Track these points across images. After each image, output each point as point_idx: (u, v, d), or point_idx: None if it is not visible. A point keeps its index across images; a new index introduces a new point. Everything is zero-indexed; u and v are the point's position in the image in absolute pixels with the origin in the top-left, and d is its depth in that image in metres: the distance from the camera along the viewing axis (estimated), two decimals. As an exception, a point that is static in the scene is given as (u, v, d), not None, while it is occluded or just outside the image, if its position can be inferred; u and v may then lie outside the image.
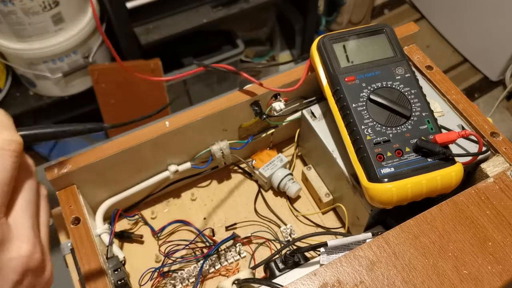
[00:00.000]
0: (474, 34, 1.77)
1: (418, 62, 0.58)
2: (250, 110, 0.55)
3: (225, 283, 0.47)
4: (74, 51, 1.28)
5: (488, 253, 0.42)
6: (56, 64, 1.28)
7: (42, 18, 1.16)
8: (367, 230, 0.51)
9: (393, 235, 0.43)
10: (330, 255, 0.46)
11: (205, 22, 1.32)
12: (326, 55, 0.51)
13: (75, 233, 0.46)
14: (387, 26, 0.53)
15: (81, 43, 1.28)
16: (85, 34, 1.27)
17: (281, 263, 0.49)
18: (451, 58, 1.87)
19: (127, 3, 1.22)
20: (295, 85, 0.53)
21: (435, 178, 0.44)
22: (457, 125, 0.53)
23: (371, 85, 0.49)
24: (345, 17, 1.84)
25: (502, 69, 1.72)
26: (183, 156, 0.57)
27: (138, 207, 0.59)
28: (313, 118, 0.56)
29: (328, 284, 0.40)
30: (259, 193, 0.62)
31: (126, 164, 0.52)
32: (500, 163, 0.49)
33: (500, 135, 0.51)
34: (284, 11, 1.63)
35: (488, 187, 0.46)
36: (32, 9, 1.12)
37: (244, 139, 0.59)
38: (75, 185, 0.50)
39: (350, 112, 0.47)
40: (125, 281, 0.49)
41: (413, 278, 0.40)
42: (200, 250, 0.56)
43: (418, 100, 0.48)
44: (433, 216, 0.44)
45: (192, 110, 0.53)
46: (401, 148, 0.46)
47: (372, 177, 0.45)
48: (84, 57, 1.32)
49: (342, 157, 0.52)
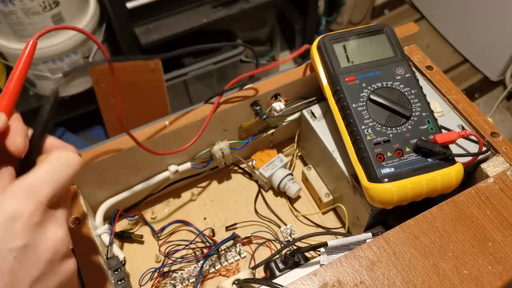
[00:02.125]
0: (474, 34, 1.77)
1: (418, 62, 0.58)
2: (250, 110, 0.55)
3: (225, 283, 0.47)
4: (74, 51, 1.28)
5: (488, 253, 0.42)
6: (56, 64, 1.28)
7: (42, 18, 1.16)
8: (367, 230, 0.51)
9: (393, 235, 0.43)
10: (330, 255, 0.46)
11: (205, 22, 1.32)
12: (326, 55, 0.51)
13: (75, 233, 0.46)
14: (387, 26, 0.53)
15: (81, 43, 1.28)
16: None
17: (281, 263, 0.49)
18: (451, 58, 1.87)
19: (127, 3, 1.22)
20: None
21: (435, 178, 0.44)
22: (457, 125, 0.53)
23: (371, 85, 0.49)
24: (345, 17, 1.84)
25: (502, 69, 1.72)
26: (183, 156, 0.57)
27: (138, 207, 0.59)
28: (313, 118, 0.56)
29: (328, 284, 0.40)
30: (259, 193, 0.62)
31: (126, 164, 0.52)
32: (500, 163, 0.49)
33: (500, 135, 0.51)
34: (284, 11, 1.63)
35: (488, 187, 0.46)
36: (32, 9, 1.12)
37: (244, 139, 0.59)
38: (75, 185, 0.50)
39: (350, 112, 0.47)
40: (125, 281, 0.49)
41: (413, 278, 0.40)
42: (200, 250, 0.56)
43: (418, 100, 0.48)
44: (433, 216, 0.44)
45: (192, 110, 0.53)
46: (401, 148, 0.46)
47: (372, 177, 0.45)
48: (84, 57, 1.32)
49: (342, 157, 0.52)
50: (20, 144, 0.32)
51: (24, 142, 0.32)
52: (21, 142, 0.32)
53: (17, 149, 0.32)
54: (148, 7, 1.26)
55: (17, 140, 0.32)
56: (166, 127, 0.52)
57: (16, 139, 0.32)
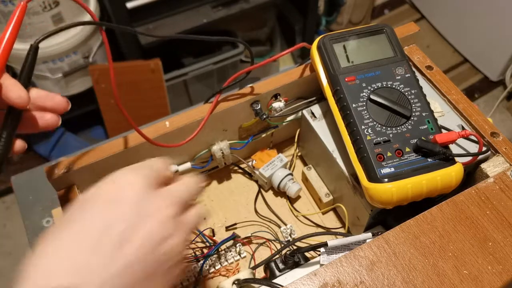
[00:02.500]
0: (474, 34, 1.77)
1: (418, 62, 0.58)
2: (250, 110, 0.55)
3: (225, 283, 0.47)
4: (74, 51, 1.28)
5: (488, 253, 0.42)
6: (56, 64, 1.28)
7: (42, 18, 1.16)
8: (367, 230, 0.51)
9: (393, 235, 0.43)
10: (330, 255, 0.46)
11: (205, 22, 1.32)
12: (326, 55, 0.51)
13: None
14: (387, 26, 0.53)
15: (81, 43, 1.28)
16: (85, 34, 1.27)
17: (281, 263, 0.49)
18: (451, 58, 1.87)
19: (127, 3, 1.22)
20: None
21: (435, 178, 0.44)
22: (457, 125, 0.53)
23: (371, 85, 0.49)
24: (345, 17, 1.84)
25: (502, 69, 1.72)
26: (183, 156, 0.57)
27: (138, 207, 0.59)
28: (313, 118, 0.56)
29: (328, 284, 0.40)
30: (259, 193, 0.62)
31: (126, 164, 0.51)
32: (500, 163, 0.49)
33: (500, 135, 0.51)
34: (284, 11, 1.63)
35: (488, 187, 0.46)
36: (32, 9, 1.12)
37: (244, 139, 0.59)
38: (75, 185, 0.50)
39: (350, 112, 0.47)
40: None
41: (413, 278, 0.40)
42: (200, 250, 0.56)
43: (418, 100, 0.48)
44: (433, 216, 0.44)
45: (192, 110, 0.53)
46: (401, 148, 0.46)
47: (372, 177, 0.45)
48: (84, 57, 1.32)
49: (342, 157, 0.52)
50: (25, 96, 0.35)
51: (27, 94, 0.36)
52: (25, 94, 0.36)
53: (23, 101, 0.35)
54: (148, 7, 1.26)
55: (21, 93, 0.35)
56: (166, 127, 0.52)
57: (19, 92, 0.35)
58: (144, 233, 0.31)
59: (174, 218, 0.34)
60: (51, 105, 0.39)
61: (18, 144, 0.38)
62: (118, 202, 0.32)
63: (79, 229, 0.31)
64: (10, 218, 1.49)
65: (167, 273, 0.33)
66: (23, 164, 1.50)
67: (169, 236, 0.33)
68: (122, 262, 0.30)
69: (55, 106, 0.39)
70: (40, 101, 0.39)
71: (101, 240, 0.30)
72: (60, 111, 0.40)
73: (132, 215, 0.32)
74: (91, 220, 0.31)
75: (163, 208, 0.33)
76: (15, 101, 0.35)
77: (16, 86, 0.36)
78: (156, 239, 0.32)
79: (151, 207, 0.33)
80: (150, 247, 0.31)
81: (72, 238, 0.30)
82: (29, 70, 0.38)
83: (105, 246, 0.30)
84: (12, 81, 0.36)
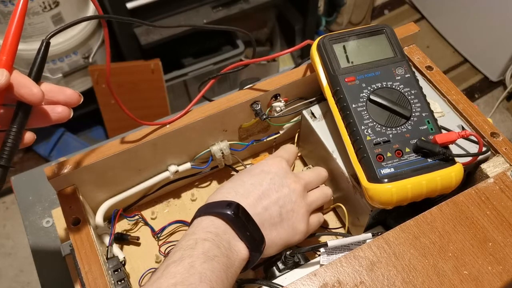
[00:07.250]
0: (474, 34, 1.77)
1: (418, 63, 0.58)
2: (250, 110, 0.55)
3: (225, 284, 0.47)
4: (74, 52, 1.28)
5: (488, 253, 0.42)
6: (56, 65, 1.28)
7: (42, 18, 1.16)
8: (367, 231, 0.51)
9: (393, 236, 0.43)
10: (330, 255, 0.46)
11: (205, 22, 1.32)
12: (326, 56, 0.51)
13: (75, 234, 0.46)
14: (387, 27, 0.53)
15: (81, 44, 1.28)
16: (85, 35, 1.28)
17: (281, 263, 0.49)
18: (451, 58, 1.87)
19: (127, 3, 1.22)
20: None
21: (435, 179, 0.44)
22: (457, 126, 0.53)
23: (371, 85, 0.49)
24: (345, 18, 1.84)
25: (502, 69, 1.72)
26: (183, 156, 0.57)
27: (138, 207, 0.59)
28: (313, 118, 0.56)
29: (328, 285, 0.40)
30: (259, 193, 0.62)
31: (126, 165, 0.52)
32: (500, 164, 0.49)
33: (500, 136, 0.51)
34: (284, 12, 1.63)
35: (488, 187, 0.46)
36: (32, 9, 1.12)
37: (244, 140, 0.59)
38: (75, 186, 0.50)
39: (350, 113, 0.47)
40: (125, 281, 0.49)
41: (413, 279, 0.40)
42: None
43: (418, 100, 0.48)
44: (433, 217, 0.44)
45: (192, 110, 0.53)
46: (401, 149, 0.46)
47: (372, 178, 0.45)
48: (84, 57, 1.32)
49: (342, 157, 0.52)
50: (38, 92, 0.35)
51: (41, 90, 0.35)
52: (38, 90, 0.35)
53: (37, 98, 0.35)
54: (148, 8, 1.26)
55: (34, 90, 0.35)
56: (166, 127, 0.52)
57: (32, 89, 0.35)
58: (278, 194, 0.47)
59: (301, 191, 0.49)
60: (63, 99, 0.38)
61: (27, 136, 0.37)
62: (268, 173, 0.49)
63: (239, 183, 0.48)
64: (10, 218, 1.49)
65: (290, 228, 0.47)
66: (23, 164, 1.50)
67: (294, 201, 0.47)
68: (261, 206, 0.46)
69: (67, 100, 0.39)
70: (52, 95, 0.38)
71: (252, 191, 0.47)
72: (73, 104, 0.39)
73: (274, 181, 0.48)
74: (249, 178, 0.48)
75: (294, 183, 0.49)
76: (29, 98, 0.35)
77: (29, 82, 0.35)
78: (284, 201, 0.47)
79: (287, 181, 0.48)
80: (278, 206, 0.47)
81: (233, 185, 0.48)
82: (40, 65, 0.37)
83: (253, 194, 0.47)
84: (23, 77, 0.35)
